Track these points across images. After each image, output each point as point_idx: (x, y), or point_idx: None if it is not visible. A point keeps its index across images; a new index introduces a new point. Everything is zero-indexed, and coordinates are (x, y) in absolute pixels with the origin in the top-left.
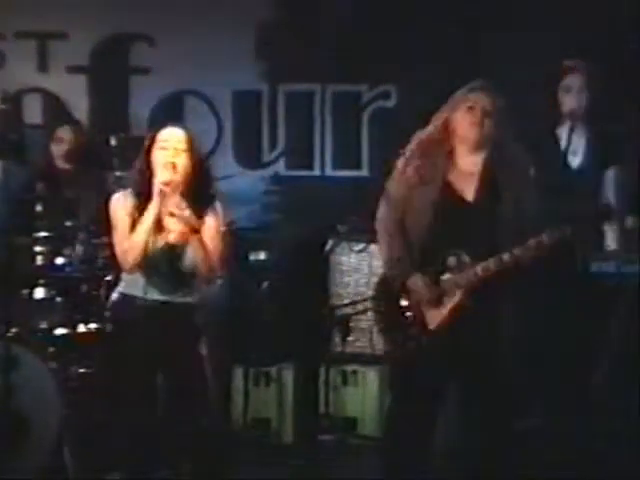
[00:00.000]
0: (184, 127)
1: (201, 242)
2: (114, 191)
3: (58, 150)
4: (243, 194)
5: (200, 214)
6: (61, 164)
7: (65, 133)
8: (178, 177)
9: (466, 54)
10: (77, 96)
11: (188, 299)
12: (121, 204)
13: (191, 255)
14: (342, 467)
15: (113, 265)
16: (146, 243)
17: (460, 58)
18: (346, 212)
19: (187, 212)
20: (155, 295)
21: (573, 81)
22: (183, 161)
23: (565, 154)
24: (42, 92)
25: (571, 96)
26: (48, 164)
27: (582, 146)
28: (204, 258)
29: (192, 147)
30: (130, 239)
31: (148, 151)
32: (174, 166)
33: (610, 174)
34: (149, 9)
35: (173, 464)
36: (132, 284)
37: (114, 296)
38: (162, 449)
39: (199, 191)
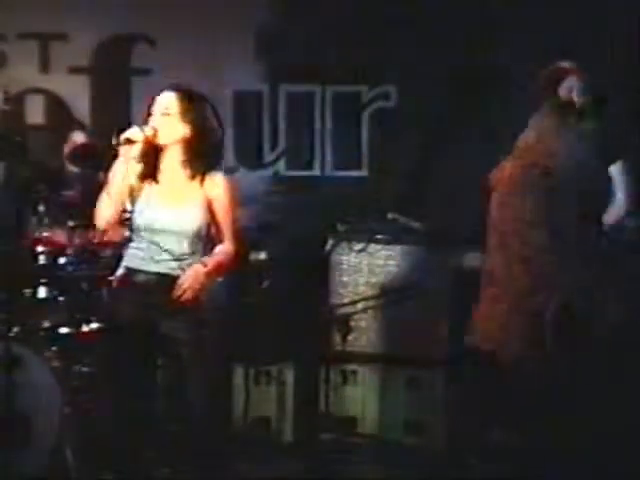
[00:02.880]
0: (180, 89)
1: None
2: None
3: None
4: (243, 194)
5: (201, 181)
6: (72, 167)
7: (79, 138)
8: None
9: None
10: (79, 97)
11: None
12: (120, 165)
13: (195, 224)
14: (342, 466)
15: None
16: (115, 209)
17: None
18: (346, 212)
19: None
20: (154, 267)
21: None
22: (170, 126)
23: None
24: (44, 93)
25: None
26: (59, 166)
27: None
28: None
29: (184, 111)
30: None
31: (147, 115)
32: (154, 132)
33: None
34: (150, 10)
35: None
36: (134, 257)
37: (119, 271)
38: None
39: (197, 156)
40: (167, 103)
